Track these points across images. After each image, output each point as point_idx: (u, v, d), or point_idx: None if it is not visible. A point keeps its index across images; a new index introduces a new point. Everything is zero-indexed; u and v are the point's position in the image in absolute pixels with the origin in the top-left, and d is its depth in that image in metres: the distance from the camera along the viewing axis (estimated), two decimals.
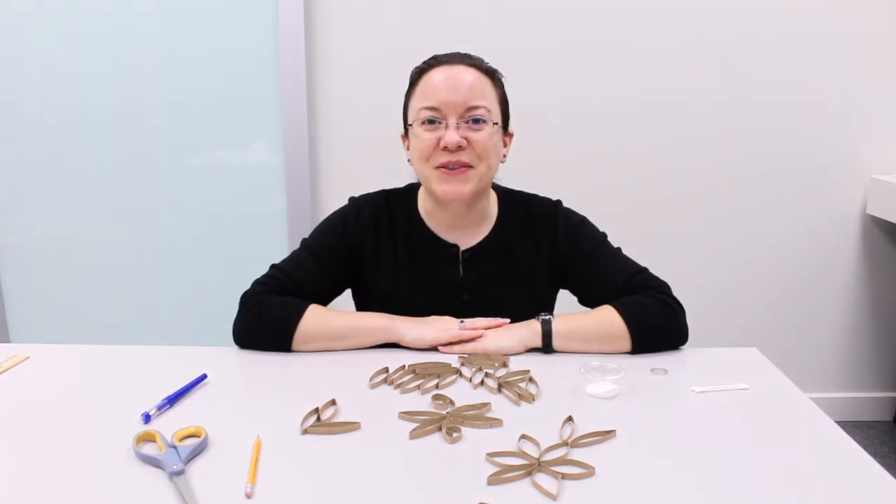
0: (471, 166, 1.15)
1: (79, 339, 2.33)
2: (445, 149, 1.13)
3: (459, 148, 1.13)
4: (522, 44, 2.09)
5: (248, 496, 0.76)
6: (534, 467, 0.81)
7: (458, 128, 1.13)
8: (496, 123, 1.16)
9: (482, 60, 1.19)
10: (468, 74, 1.14)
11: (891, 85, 2.15)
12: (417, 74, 1.18)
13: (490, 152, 1.15)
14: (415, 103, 1.17)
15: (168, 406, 0.96)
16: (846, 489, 0.78)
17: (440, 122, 1.14)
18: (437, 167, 1.15)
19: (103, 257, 2.30)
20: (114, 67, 2.15)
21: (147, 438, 0.87)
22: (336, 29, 2.08)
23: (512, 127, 1.24)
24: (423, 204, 1.26)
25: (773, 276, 2.30)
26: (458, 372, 1.08)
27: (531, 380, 1.05)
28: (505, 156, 1.23)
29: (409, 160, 1.21)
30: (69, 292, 2.34)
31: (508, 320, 1.20)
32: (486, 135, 1.14)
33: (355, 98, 2.14)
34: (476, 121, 1.13)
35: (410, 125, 1.18)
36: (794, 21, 2.09)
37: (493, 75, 1.18)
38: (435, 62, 1.17)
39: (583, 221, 1.29)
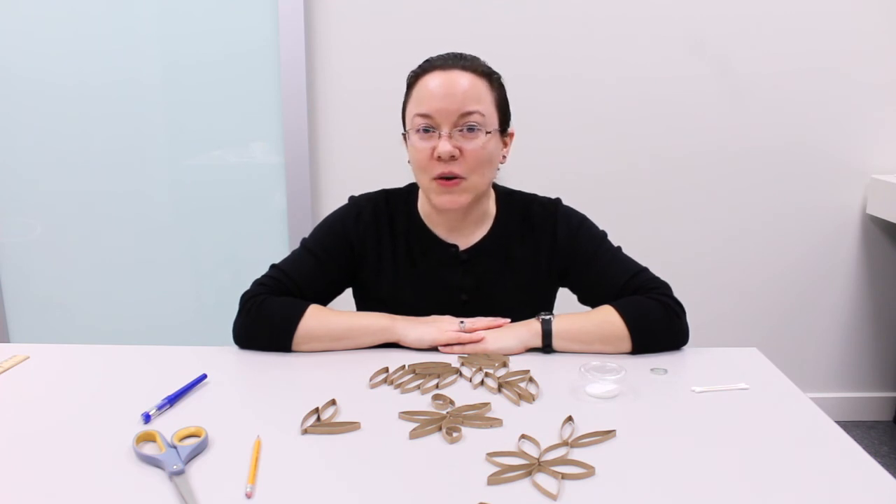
0: (464, 178, 1.14)
1: (79, 339, 2.33)
2: (439, 158, 1.13)
3: (452, 158, 1.13)
4: (522, 42, 2.09)
5: (248, 496, 0.76)
6: (534, 467, 0.81)
7: (451, 137, 1.13)
8: (490, 132, 1.15)
9: (478, 62, 1.17)
10: (463, 79, 1.13)
11: (891, 85, 2.15)
12: (413, 79, 1.18)
13: (483, 162, 1.15)
14: (410, 109, 1.17)
15: (168, 406, 0.96)
16: (846, 489, 0.78)
17: (434, 131, 1.14)
18: (434, 179, 1.15)
19: (103, 257, 2.30)
20: (114, 68, 2.15)
21: (147, 438, 0.87)
22: (336, 28, 2.08)
23: (512, 126, 1.23)
24: (423, 205, 1.26)
25: (773, 276, 2.30)
26: (458, 372, 1.08)
27: (531, 380, 1.05)
28: (505, 156, 1.22)
29: (409, 161, 1.21)
30: (69, 292, 2.34)
31: (509, 320, 1.19)
32: (479, 144, 1.14)
33: (355, 98, 2.14)
34: (470, 129, 1.13)
35: (407, 131, 1.18)
36: (794, 20, 2.09)
37: (489, 77, 1.17)
38: (429, 66, 1.16)
39: (583, 221, 1.29)
